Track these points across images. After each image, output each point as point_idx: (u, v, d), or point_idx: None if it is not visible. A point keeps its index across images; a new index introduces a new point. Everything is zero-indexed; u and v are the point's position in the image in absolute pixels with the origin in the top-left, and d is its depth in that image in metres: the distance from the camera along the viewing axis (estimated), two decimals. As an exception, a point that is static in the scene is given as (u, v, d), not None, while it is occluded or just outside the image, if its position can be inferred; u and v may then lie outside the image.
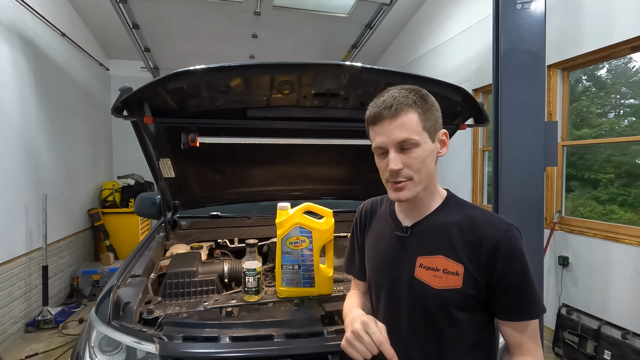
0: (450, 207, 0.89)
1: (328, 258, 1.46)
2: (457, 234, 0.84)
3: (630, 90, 3.15)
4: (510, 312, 0.81)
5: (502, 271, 0.79)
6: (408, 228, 0.90)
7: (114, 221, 5.18)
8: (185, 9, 4.32)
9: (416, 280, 0.86)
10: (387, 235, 0.96)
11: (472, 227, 0.83)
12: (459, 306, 0.82)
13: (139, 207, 2.39)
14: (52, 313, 3.53)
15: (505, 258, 0.79)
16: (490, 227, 0.82)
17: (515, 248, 0.80)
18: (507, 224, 0.82)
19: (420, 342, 0.86)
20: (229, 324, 1.22)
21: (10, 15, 3.25)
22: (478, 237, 0.81)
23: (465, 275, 0.81)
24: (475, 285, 0.81)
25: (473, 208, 0.89)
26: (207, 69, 1.33)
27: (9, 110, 3.23)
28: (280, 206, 1.44)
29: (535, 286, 0.81)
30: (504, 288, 0.80)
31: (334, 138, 1.88)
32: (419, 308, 0.86)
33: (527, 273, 0.80)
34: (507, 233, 0.80)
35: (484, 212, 0.87)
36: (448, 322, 0.83)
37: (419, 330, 0.87)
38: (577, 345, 2.82)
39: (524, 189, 2.50)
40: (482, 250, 0.80)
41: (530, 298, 0.80)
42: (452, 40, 4.61)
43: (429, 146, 0.83)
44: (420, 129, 0.81)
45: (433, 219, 0.89)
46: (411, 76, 1.53)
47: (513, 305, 0.81)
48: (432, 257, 0.85)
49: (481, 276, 0.80)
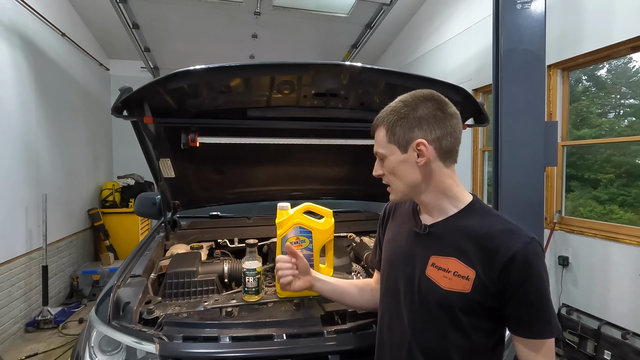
0: (473, 213, 0.88)
1: (328, 258, 1.46)
2: (474, 239, 0.83)
3: (630, 90, 3.15)
4: (521, 328, 0.80)
5: (517, 285, 0.77)
6: (427, 226, 0.91)
7: (114, 221, 5.18)
8: (185, 9, 4.32)
9: (425, 277, 0.87)
10: (406, 231, 0.97)
11: (490, 235, 0.82)
12: (465, 310, 0.81)
13: (139, 207, 2.39)
14: (52, 313, 3.53)
15: (521, 272, 0.77)
16: (509, 237, 0.80)
17: (534, 264, 0.78)
18: (528, 237, 0.80)
19: (422, 340, 0.87)
20: (229, 324, 1.21)
21: (10, 15, 3.25)
22: (494, 246, 0.80)
23: (475, 281, 0.80)
24: (484, 292, 0.80)
25: (496, 216, 0.88)
26: (207, 69, 1.33)
27: (9, 110, 3.23)
28: (280, 206, 1.44)
29: (552, 306, 0.79)
30: (517, 302, 0.78)
31: (333, 138, 1.88)
32: (424, 305, 0.86)
33: (543, 291, 0.78)
34: (527, 247, 0.78)
35: (507, 222, 0.85)
36: (451, 324, 0.83)
37: (421, 327, 0.87)
38: (577, 345, 2.83)
39: (524, 189, 2.50)
40: (496, 259, 0.79)
41: (543, 317, 0.78)
42: (452, 40, 4.61)
43: (397, 157, 0.89)
44: (385, 142, 0.90)
45: (453, 221, 0.88)
46: (411, 76, 1.52)
47: (524, 321, 0.79)
48: (445, 258, 0.85)
49: (492, 285, 0.79)
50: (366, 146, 1.88)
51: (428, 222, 0.92)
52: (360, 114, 1.77)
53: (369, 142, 1.88)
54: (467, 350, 0.84)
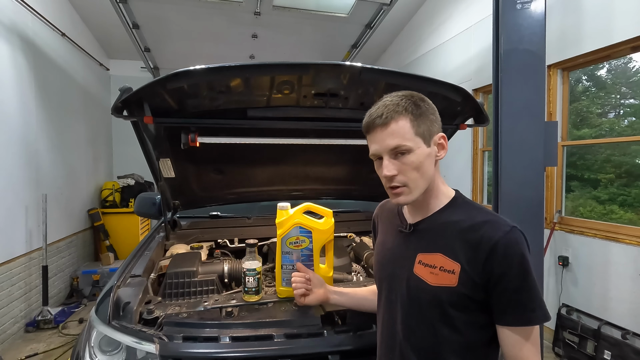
0: (456, 207, 0.89)
1: (328, 258, 1.46)
2: (457, 233, 0.84)
3: (630, 90, 3.15)
4: (506, 316, 0.79)
5: (500, 274, 0.78)
6: (411, 225, 0.92)
7: (114, 221, 5.18)
8: (185, 9, 4.32)
9: (414, 276, 0.87)
10: (393, 232, 0.98)
11: (473, 227, 0.83)
12: (454, 305, 0.82)
13: (139, 207, 2.39)
14: (52, 313, 3.53)
15: (504, 260, 0.77)
16: (490, 227, 0.81)
17: (515, 251, 0.78)
18: (508, 225, 0.81)
19: (416, 338, 0.87)
20: (229, 324, 1.21)
21: (10, 15, 3.25)
22: (477, 238, 0.81)
23: (461, 274, 0.80)
24: (471, 285, 0.80)
25: (478, 209, 0.88)
26: (207, 69, 1.33)
27: (9, 110, 3.23)
28: (280, 206, 1.44)
29: (538, 292, 0.79)
30: (501, 291, 0.78)
31: (334, 138, 1.88)
32: (415, 304, 0.87)
33: (527, 277, 0.78)
34: (508, 234, 0.79)
35: (488, 213, 0.86)
36: (442, 320, 0.83)
37: (414, 326, 0.87)
38: (577, 345, 2.82)
39: (524, 189, 2.49)
40: (479, 251, 0.80)
41: (529, 303, 0.78)
42: (452, 40, 4.61)
43: (423, 151, 0.84)
44: (412, 134, 0.83)
45: (437, 218, 0.89)
46: (411, 76, 1.52)
47: (510, 309, 0.78)
48: (431, 255, 0.86)
49: (478, 277, 0.79)
50: (366, 146, 1.87)
51: (412, 221, 0.93)
52: (360, 114, 1.76)
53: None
54: (461, 347, 0.83)
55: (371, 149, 0.89)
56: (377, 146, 0.86)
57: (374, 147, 0.87)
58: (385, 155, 0.84)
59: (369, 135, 0.88)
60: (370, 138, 0.88)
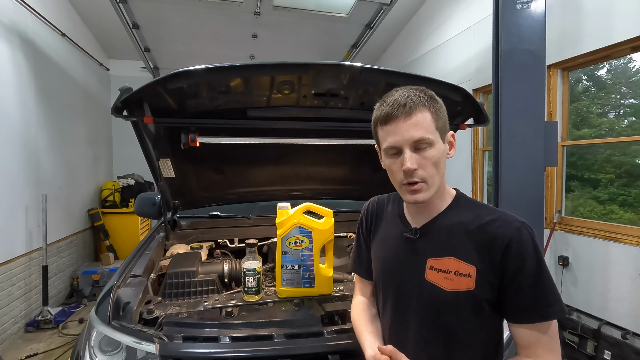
0: (460, 207, 0.87)
1: (328, 258, 1.46)
2: (467, 234, 0.82)
3: (630, 90, 3.15)
4: (523, 313, 0.77)
5: (515, 271, 0.76)
6: (417, 230, 0.88)
7: (114, 221, 5.18)
8: (185, 9, 4.32)
9: (427, 282, 0.84)
10: (395, 236, 0.93)
11: (483, 227, 0.81)
12: (473, 309, 0.79)
13: (139, 207, 2.39)
14: (52, 313, 3.53)
15: (519, 256, 0.76)
16: (501, 225, 0.79)
17: (529, 246, 0.77)
18: (518, 221, 0.80)
19: (429, 346, 0.84)
20: (229, 324, 1.21)
21: (10, 15, 3.25)
22: (490, 237, 0.79)
23: (477, 276, 0.78)
24: (489, 286, 0.78)
25: (482, 207, 0.87)
26: (207, 69, 1.33)
27: (9, 110, 3.23)
28: (280, 206, 1.44)
29: (554, 286, 0.77)
30: (516, 288, 0.76)
31: (334, 138, 1.88)
32: (431, 311, 0.83)
33: (542, 271, 0.76)
34: (520, 231, 0.78)
35: (495, 211, 0.85)
36: (460, 326, 0.81)
37: (428, 333, 0.84)
38: (577, 345, 2.82)
39: (524, 189, 2.50)
40: (494, 250, 0.78)
41: (545, 298, 0.75)
42: (452, 40, 4.61)
43: (441, 147, 0.82)
44: (433, 128, 0.79)
45: (443, 219, 0.86)
46: (411, 76, 1.52)
47: (526, 305, 0.76)
48: (443, 259, 0.83)
49: (494, 277, 0.78)
50: (365, 146, 1.88)
51: (417, 225, 0.89)
52: (360, 114, 1.77)
53: (369, 142, 1.89)
54: (474, 350, 0.82)
55: (388, 141, 0.81)
56: (398, 137, 0.78)
57: (394, 139, 0.79)
58: (407, 148, 0.78)
59: (387, 126, 0.80)
60: (389, 129, 0.80)
